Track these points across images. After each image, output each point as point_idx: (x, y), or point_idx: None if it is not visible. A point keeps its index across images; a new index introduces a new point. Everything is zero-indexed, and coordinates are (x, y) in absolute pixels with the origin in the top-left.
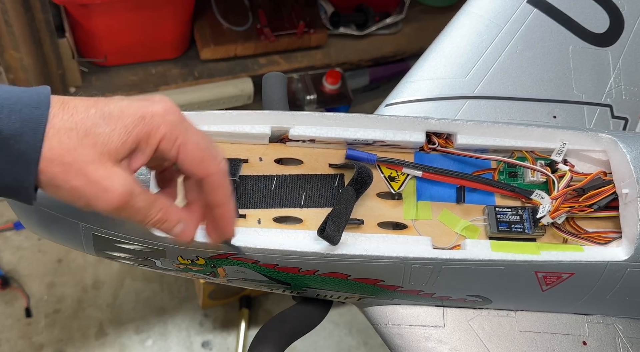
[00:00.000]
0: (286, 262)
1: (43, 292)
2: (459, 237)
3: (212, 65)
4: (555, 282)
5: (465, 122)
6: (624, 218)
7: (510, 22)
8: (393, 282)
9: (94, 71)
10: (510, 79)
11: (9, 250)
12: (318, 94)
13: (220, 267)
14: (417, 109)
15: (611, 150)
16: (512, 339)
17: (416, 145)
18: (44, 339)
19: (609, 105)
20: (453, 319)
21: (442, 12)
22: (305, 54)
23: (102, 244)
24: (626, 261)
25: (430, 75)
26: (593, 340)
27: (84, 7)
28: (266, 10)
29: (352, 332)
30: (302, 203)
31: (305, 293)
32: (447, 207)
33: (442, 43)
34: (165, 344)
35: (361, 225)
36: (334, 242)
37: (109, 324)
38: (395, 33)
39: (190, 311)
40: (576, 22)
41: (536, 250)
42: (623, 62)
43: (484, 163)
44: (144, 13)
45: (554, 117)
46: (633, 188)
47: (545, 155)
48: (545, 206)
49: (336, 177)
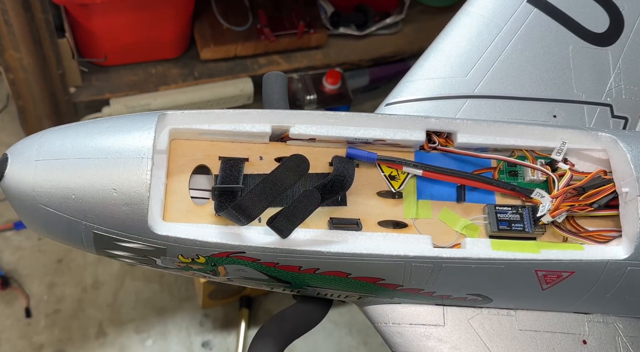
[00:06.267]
0: (287, 260)
1: (43, 292)
2: (459, 236)
3: (212, 65)
4: (555, 281)
5: (466, 121)
6: (624, 217)
7: (511, 21)
8: (393, 281)
9: (94, 71)
10: (510, 78)
11: (9, 250)
12: (318, 94)
13: (220, 266)
14: (418, 108)
15: (611, 149)
16: (512, 337)
17: (416, 144)
18: (44, 339)
19: (609, 104)
20: (453, 317)
21: (442, 12)
22: (305, 54)
23: (103, 243)
24: (626, 259)
25: (431, 74)
26: (593, 339)
27: (84, 7)
28: (266, 10)
29: (352, 332)
30: None
31: (305, 292)
32: (447, 206)
33: (442, 42)
34: (165, 344)
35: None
36: (283, 235)
37: (109, 324)
38: (395, 33)
39: (190, 311)
40: (576, 21)
41: (536, 249)
42: (623, 62)
43: (484, 162)
44: (144, 13)
45: (554, 116)
46: (633, 187)
47: (545, 154)
48: (546, 204)
49: None
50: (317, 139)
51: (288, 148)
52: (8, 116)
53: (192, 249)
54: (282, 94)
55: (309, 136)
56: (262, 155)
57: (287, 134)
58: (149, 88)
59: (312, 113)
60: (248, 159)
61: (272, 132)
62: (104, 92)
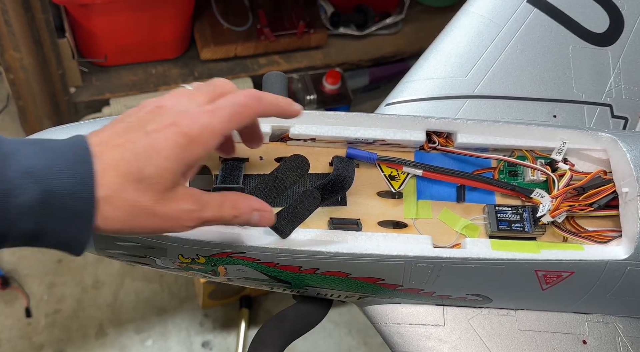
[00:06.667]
0: (287, 260)
1: (43, 292)
2: (459, 236)
3: (212, 65)
4: (555, 281)
5: (466, 121)
6: (624, 217)
7: (511, 21)
8: (393, 281)
9: (94, 71)
10: (510, 78)
11: (9, 250)
12: (318, 94)
13: (220, 266)
14: (418, 108)
15: (611, 149)
16: (512, 338)
17: (416, 144)
18: (44, 339)
19: (609, 104)
20: (453, 317)
21: (442, 12)
22: (305, 54)
23: (103, 243)
24: (626, 259)
25: (431, 74)
26: (593, 339)
27: (84, 7)
28: (266, 10)
29: (352, 332)
30: None
31: (305, 292)
32: (447, 206)
33: (442, 42)
34: (165, 344)
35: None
36: (283, 235)
37: (109, 324)
38: (395, 33)
39: (190, 311)
40: (576, 21)
41: (536, 249)
42: (623, 62)
43: (484, 162)
44: (144, 13)
45: (554, 116)
46: (633, 187)
47: (545, 154)
48: (546, 204)
49: None
50: (317, 139)
51: (288, 148)
52: (8, 116)
53: (192, 249)
54: (282, 94)
55: (309, 136)
56: (262, 155)
57: (287, 134)
58: (149, 88)
59: (312, 113)
60: (248, 159)
61: (272, 132)
62: (104, 92)
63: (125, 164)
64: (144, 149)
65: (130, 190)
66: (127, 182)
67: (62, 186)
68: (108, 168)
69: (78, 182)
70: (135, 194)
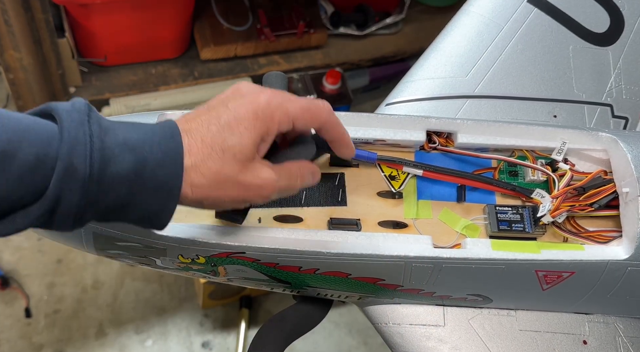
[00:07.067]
0: (287, 261)
1: (43, 292)
2: (459, 236)
3: (212, 65)
4: (555, 281)
5: (466, 121)
6: (625, 217)
7: (511, 21)
8: (393, 281)
9: (94, 71)
10: (510, 78)
11: (9, 250)
12: (318, 94)
13: (220, 266)
14: (418, 108)
15: (611, 149)
16: (512, 338)
17: (417, 144)
18: (44, 339)
19: (610, 104)
20: (453, 318)
21: (442, 12)
22: (305, 54)
23: (103, 243)
24: (627, 259)
25: (431, 74)
26: (593, 339)
27: (84, 7)
28: (266, 10)
29: (352, 332)
30: (303, 202)
31: (305, 292)
32: (447, 206)
33: (443, 42)
34: (165, 344)
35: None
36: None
37: (109, 324)
38: (395, 33)
39: (190, 311)
40: (576, 21)
41: (537, 249)
42: (623, 62)
43: (485, 162)
44: (144, 13)
45: (554, 116)
46: (633, 187)
47: (545, 154)
48: (546, 204)
49: (336, 176)
50: None
51: None
52: None
53: (192, 249)
54: None
55: None
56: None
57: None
58: (149, 88)
59: None
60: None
61: None
62: (104, 92)
63: (211, 135)
64: (227, 121)
65: (215, 158)
66: (212, 151)
67: (154, 158)
68: (195, 140)
69: (168, 153)
70: (220, 162)
